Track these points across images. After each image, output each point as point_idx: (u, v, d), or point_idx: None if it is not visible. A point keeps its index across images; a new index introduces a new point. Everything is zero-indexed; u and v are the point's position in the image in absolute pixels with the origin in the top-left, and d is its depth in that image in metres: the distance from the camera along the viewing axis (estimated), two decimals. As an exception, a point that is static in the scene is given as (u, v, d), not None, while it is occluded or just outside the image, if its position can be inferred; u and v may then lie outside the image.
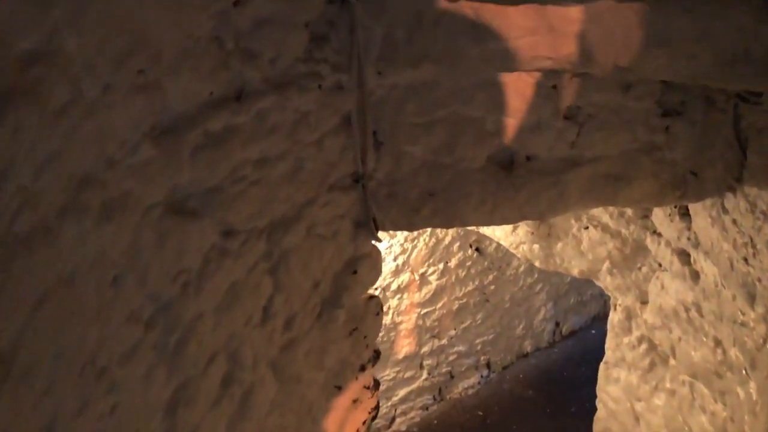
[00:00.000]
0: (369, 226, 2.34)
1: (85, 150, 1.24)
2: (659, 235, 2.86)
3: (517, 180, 2.32)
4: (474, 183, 2.32)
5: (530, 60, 1.84)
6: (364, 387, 2.69)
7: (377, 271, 2.50)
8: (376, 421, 5.48)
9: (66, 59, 1.11)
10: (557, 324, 6.81)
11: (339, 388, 2.58)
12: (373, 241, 2.43)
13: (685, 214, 2.57)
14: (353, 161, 2.18)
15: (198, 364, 1.83)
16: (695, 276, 2.59)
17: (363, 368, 2.65)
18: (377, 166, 2.25)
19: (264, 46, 1.73)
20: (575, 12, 1.69)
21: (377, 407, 2.88)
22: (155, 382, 1.65)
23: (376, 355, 2.72)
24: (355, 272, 2.37)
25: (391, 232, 5.10)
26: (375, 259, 2.46)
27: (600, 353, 6.98)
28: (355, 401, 2.68)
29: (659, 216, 2.77)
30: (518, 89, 2.12)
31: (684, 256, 2.66)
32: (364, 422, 2.79)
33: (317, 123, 1.98)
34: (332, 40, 1.92)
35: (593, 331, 7.13)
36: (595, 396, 4.56)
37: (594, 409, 4.46)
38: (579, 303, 6.94)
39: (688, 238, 2.55)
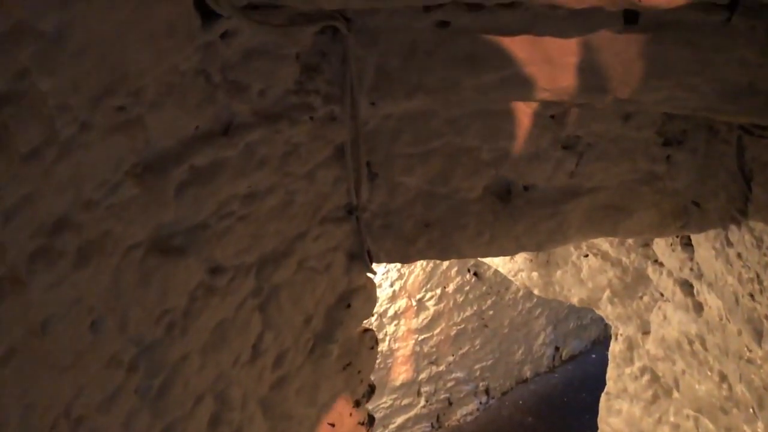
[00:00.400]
0: (363, 258, 2.27)
1: (60, 192, 1.17)
2: (661, 264, 2.80)
3: (515, 211, 2.26)
4: (470, 214, 2.26)
5: (527, 91, 1.79)
6: (359, 423, 2.61)
7: (372, 304, 2.43)
8: (373, 449, 5.37)
9: (37, 99, 1.06)
10: (557, 348, 6.72)
11: (332, 425, 2.49)
12: (368, 273, 2.36)
13: (687, 244, 2.51)
14: (346, 192, 2.12)
15: (184, 406, 1.76)
16: (698, 308, 2.52)
17: (357, 404, 2.57)
18: (371, 197, 2.19)
19: (253, 79, 1.68)
20: (573, 43, 1.64)
21: (372, 443, 2.79)
22: (138, 427, 1.58)
23: (371, 389, 2.64)
24: (348, 306, 2.30)
25: (387, 257, 5.04)
26: (369, 292, 2.40)
27: (601, 378, 6.88)
28: (349, 438, 2.60)
29: (661, 245, 2.71)
30: (515, 118, 2.07)
31: (687, 287, 2.59)
32: (358, 459, 2.70)
33: (309, 155, 1.92)
34: (324, 70, 1.87)
35: (593, 356, 7.03)
36: (596, 423, 4.46)
37: (595, 437, 4.37)
38: (579, 327, 6.85)
39: (691, 269, 2.48)
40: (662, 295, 2.89)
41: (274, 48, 1.69)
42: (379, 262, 2.35)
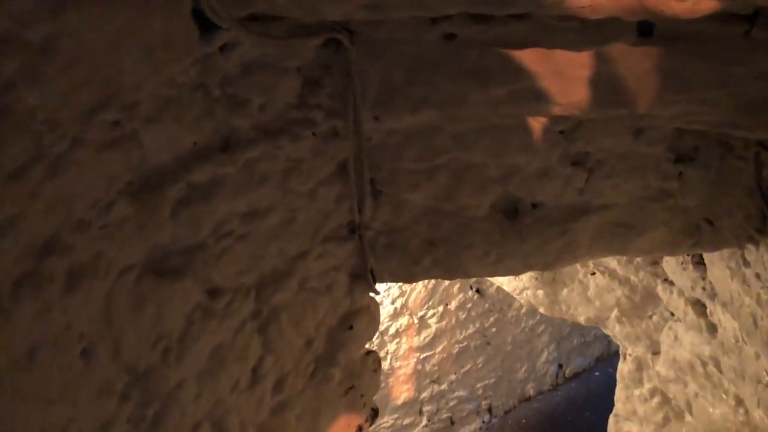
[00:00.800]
0: (366, 278, 2.20)
1: (49, 213, 1.10)
2: (671, 283, 2.73)
3: (523, 229, 2.20)
4: (477, 232, 2.19)
5: (537, 105, 1.73)
6: (361, 448, 2.52)
7: (375, 325, 2.36)
8: (374, 470, 5.25)
9: (24, 114, 0.99)
10: (560, 366, 6.61)
11: (334, 451, 2.40)
12: (371, 294, 2.29)
13: (699, 263, 2.45)
14: (349, 210, 2.05)
15: (179, 435, 1.67)
16: (712, 329, 2.45)
17: (360, 429, 2.48)
18: (375, 215, 2.12)
19: (253, 93, 1.62)
20: (585, 56, 1.59)
21: (375, 468, 2.69)
22: (130, 459, 1.50)
23: (375, 413, 2.56)
24: (351, 327, 2.22)
25: (389, 274, 4.96)
26: (373, 313, 2.32)
27: (605, 397, 6.78)
28: (351, 464, 2.50)
29: (671, 264, 2.64)
30: (523, 134, 2.01)
31: (699, 307, 2.52)
32: (361, 486, 2.60)
33: (310, 171, 1.86)
34: (326, 85, 1.81)
35: (597, 373, 6.93)
36: (601, 444, 4.36)
37: (601, 459, 4.26)
38: (582, 344, 6.75)
39: (704, 288, 2.41)
40: (673, 314, 2.81)
41: (274, 61, 1.63)
42: (382, 281, 2.27)
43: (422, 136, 2.00)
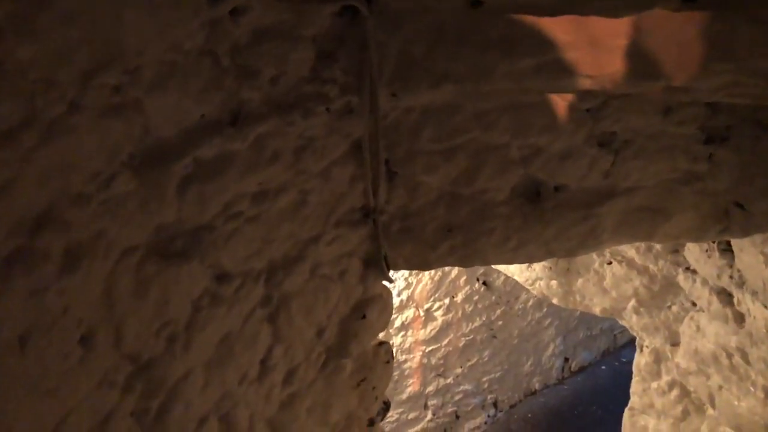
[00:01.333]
0: (380, 264, 2.09)
1: (43, 183, 1.00)
2: (693, 272, 2.62)
3: (545, 213, 2.09)
4: (497, 217, 2.08)
5: (568, 79, 1.62)
6: (372, 443, 2.42)
7: (388, 314, 2.25)
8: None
9: (15, 70, 0.88)
10: (566, 360, 6.52)
11: (345, 446, 2.30)
12: (384, 282, 2.18)
13: (725, 250, 2.34)
14: (363, 193, 1.94)
15: (185, 430, 1.57)
16: (739, 318, 2.35)
17: (372, 422, 2.38)
18: (390, 198, 2.01)
19: (264, 63, 1.50)
20: (622, 23, 1.47)
21: (386, 464, 2.59)
22: (133, 455, 1.40)
23: (386, 407, 2.45)
24: (363, 317, 2.12)
25: (395, 265, 4.85)
26: (386, 302, 2.21)
27: (611, 391, 6.71)
28: (362, 459, 2.40)
29: (694, 251, 2.54)
30: (548, 112, 1.90)
31: (725, 296, 2.42)
32: (371, 482, 2.50)
33: (324, 150, 1.75)
34: (341, 58, 1.70)
35: (603, 367, 6.84)
36: (610, 438, 4.28)
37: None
38: (588, 338, 6.66)
39: (731, 277, 2.31)
40: (694, 304, 2.71)
41: (288, 29, 1.51)
42: (396, 269, 2.17)
43: (441, 114, 1.89)
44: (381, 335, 2.32)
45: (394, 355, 5.11)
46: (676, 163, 2.07)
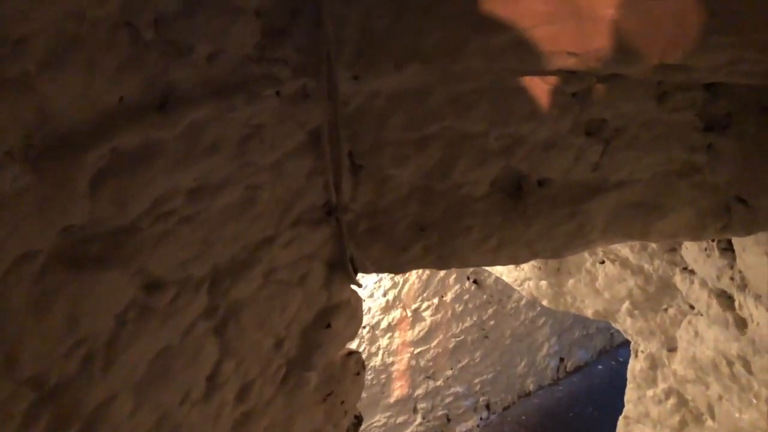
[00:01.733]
0: (346, 268, 1.89)
1: None
2: (691, 272, 2.43)
3: (528, 210, 1.89)
4: (475, 214, 1.89)
5: (548, 56, 1.43)
6: (344, 460, 2.22)
7: (357, 322, 2.05)
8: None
9: None
10: (561, 359, 6.34)
11: (312, 465, 2.11)
12: (352, 286, 1.99)
13: (726, 249, 2.15)
14: (324, 189, 1.75)
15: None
16: (741, 324, 2.16)
17: (341, 438, 2.18)
18: (355, 194, 1.82)
19: (198, 38, 1.30)
20: (610, -8, 1.28)
21: (360, 482, 2.40)
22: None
23: (358, 421, 2.26)
24: (328, 325, 1.92)
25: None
26: (354, 308, 2.02)
27: (608, 391, 6.53)
28: (332, 478, 2.21)
29: (692, 251, 2.35)
30: (530, 97, 1.70)
31: (725, 299, 2.23)
32: (344, 501, 2.31)
33: (275, 140, 1.55)
34: (294, 34, 1.50)
35: (600, 366, 6.66)
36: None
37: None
38: (584, 336, 6.48)
39: (732, 278, 2.12)
40: (692, 307, 2.52)
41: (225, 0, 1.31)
42: (365, 272, 1.97)
43: (411, 99, 1.69)
44: (351, 344, 2.13)
45: (381, 357, 4.93)
46: (672, 154, 1.87)
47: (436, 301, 5.09)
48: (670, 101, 1.76)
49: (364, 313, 4.78)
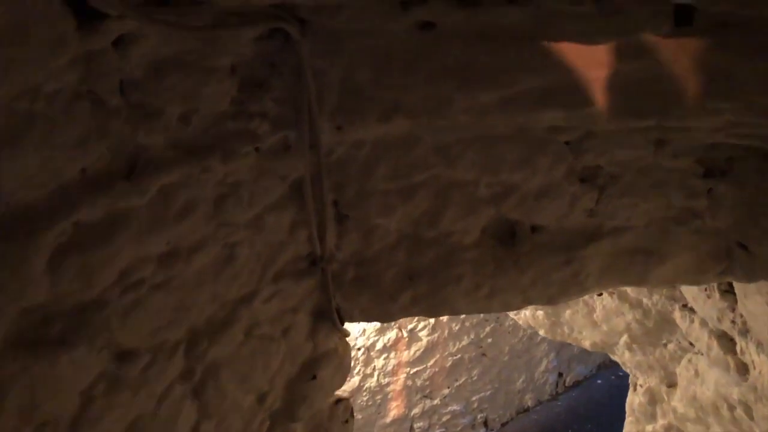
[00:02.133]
0: (332, 317, 1.83)
1: None
2: (691, 310, 2.37)
3: (521, 258, 1.83)
4: (465, 262, 1.82)
5: (537, 116, 1.36)
6: (333, 508, 2.16)
7: (344, 370, 1.99)
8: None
9: None
10: (560, 375, 6.27)
11: None
12: (340, 335, 1.92)
13: (727, 291, 2.09)
14: (308, 240, 1.68)
15: None
16: (743, 369, 2.09)
17: (330, 486, 2.12)
18: (341, 243, 1.76)
19: (168, 100, 1.24)
20: (602, 51, 1.21)
21: None
22: None
23: (347, 468, 2.19)
24: (314, 377, 1.86)
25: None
26: (341, 357, 1.95)
27: (607, 406, 6.45)
28: None
29: (692, 289, 2.28)
30: (521, 145, 1.64)
31: (726, 342, 2.17)
32: None
33: (253, 197, 1.48)
34: (273, 87, 1.44)
35: (599, 381, 6.60)
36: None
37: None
38: (583, 351, 6.39)
39: (733, 322, 2.05)
40: (692, 345, 2.46)
41: (196, 59, 1.25)
42: (352, 321, 1.91)
43: (396, 148, 1.63)
44: (341, 391, 2.06)
45: (377, 378, 4.86)
46: (670, 200, 1.81)
47: (432, 320, 5.03)
48: (668, 148, 1.70)
49: (359, 334, 4.72)
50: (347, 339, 2.00)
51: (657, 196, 1.79)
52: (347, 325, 1.93)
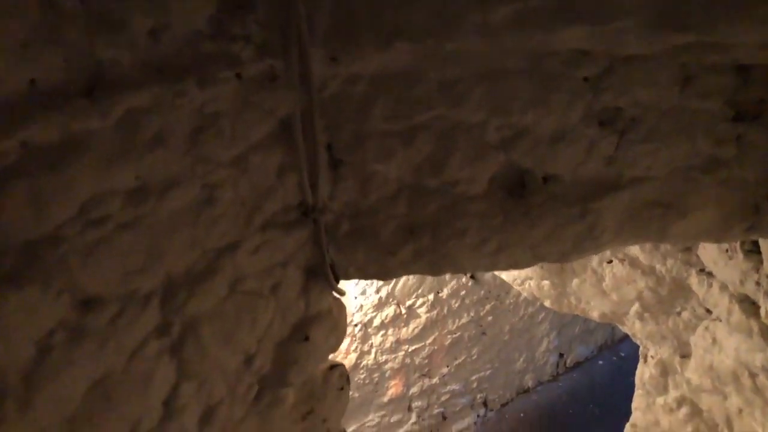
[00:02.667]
0: (326, 274, 1.68)
1: None
2: (709, 274, 2.22)
3: (532, 210, 1.68)
4: (471, 215, 1.67)
5: (559, 32, 1.20)
6: (327, 482, 2.02)
7: (339, 333, 1.84)
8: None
9: None
10: (561, 355, 6.15)
11: (290, 490, 1.90)
12: (334, 294, 1.77)
13: (751, 251, 1.94)
14: (299, 186, 1.53)
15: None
16: (767, 333, 1.95)
17: (324, 459, 1.98)
18: (335, 192, 1.60)
19: (134, 11, 1.08)
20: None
21: (346, 502, 2.20)
22: None
23: (342, 439, 2.06)
24: (306, 338, 1.71)
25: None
26: (336, 318, 1.80)
27: (608, 387, 6.34)
28: (314, 501, 2.01)
29: (711, 251, 2.14)
30: (535, 82, 1.48)
31: (749, 306, 2.03)
32: None
33: (236, 131, 1.33)
34: (257, 7, 1.28)
35: (600, 362, 6.48)
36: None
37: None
38: (585, 331, 6.28)
39: (758, 283, 1.91)
40: (709, 312, 2.32)
41: (167, -38, 1.09)
42: (348, 278, 1.76)
43: (397, 84, 1.47)
44: (334, 356, 1.92)
45: (374, 356, 4.73)
46: (695, 147, 1.65)
47: (431, 297, 4.89)
48: (695, 87, 1.54)
49: (356, 310, 4.59)
50: (343, 301, 1.85)
51: (681, 142, 1.64)
52: (343, 287, 1.78)
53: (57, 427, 1.15)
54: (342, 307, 1.84)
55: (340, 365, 1.93)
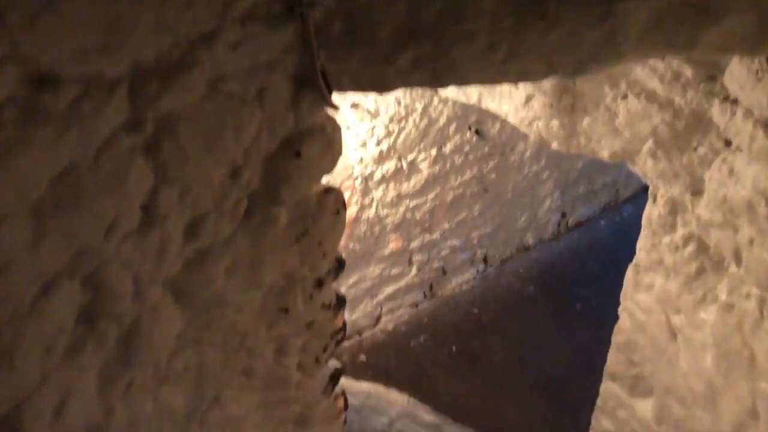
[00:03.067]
0: (317, 83, 1.53)
1: None
2: (734, 102, 2.06)
3: (548, 11, 1.49)
4: (480, 15, 1.49)
5: None
6: (322, 306, 2.01)
7: (334, 152, 1.73)
8: (360, 319, 4.94)
9: None
10: (563, 215, 6.13)
11: (285, 311, 1.89)
12: (327, 108, 1.64)
13: (784, 70, 1.77)
14: (282, -29, 1.34)
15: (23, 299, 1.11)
16: (789, 159, 1.84)
17: (320, 283, 1.95)
18: (325, -17, 1.41)
19: None
20: None
21: (343, 329, 2.21)
22: None
23: (339, 265, 2.02)
24: (298, 154, 1.60)
25: (370, 108, 4.27)
26: (331, 135, 1.68)
27: (609, 247, 6.38)
28: (310, 325, 2.01)
29: (739, 75, 1.96)
30: None
31: (773, 131, 1.89)
32: (324, 348, 2.14)
33: None
34: None
35: (602, 222, 6.48)
36: (604, 294, 3.97)
37: (602, 308, 3.87)
38: (589, 192, 6.21)
39: (786, 106, 1.76)
40: (729, 144, 2.18)
41: None
42: (342, 89, 1.61)
43: None
44: (329, 180, 1.82)
45: (375, 209, 4.70)
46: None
47: (434, 152, 4.75)
48: None
49: (356, 163, 4.48)
50: (337, 120, 1.71)
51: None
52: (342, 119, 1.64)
53: (21, 217, 1.06)
54: (336, 126, 1.71)
55: (335, 189, 1.83)
